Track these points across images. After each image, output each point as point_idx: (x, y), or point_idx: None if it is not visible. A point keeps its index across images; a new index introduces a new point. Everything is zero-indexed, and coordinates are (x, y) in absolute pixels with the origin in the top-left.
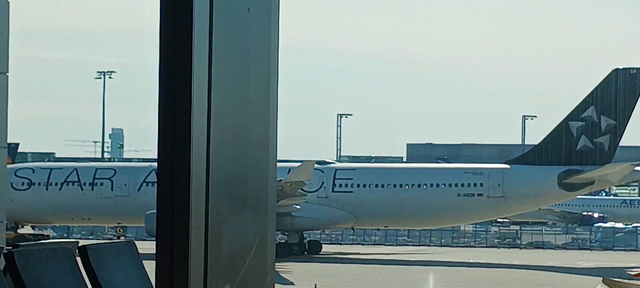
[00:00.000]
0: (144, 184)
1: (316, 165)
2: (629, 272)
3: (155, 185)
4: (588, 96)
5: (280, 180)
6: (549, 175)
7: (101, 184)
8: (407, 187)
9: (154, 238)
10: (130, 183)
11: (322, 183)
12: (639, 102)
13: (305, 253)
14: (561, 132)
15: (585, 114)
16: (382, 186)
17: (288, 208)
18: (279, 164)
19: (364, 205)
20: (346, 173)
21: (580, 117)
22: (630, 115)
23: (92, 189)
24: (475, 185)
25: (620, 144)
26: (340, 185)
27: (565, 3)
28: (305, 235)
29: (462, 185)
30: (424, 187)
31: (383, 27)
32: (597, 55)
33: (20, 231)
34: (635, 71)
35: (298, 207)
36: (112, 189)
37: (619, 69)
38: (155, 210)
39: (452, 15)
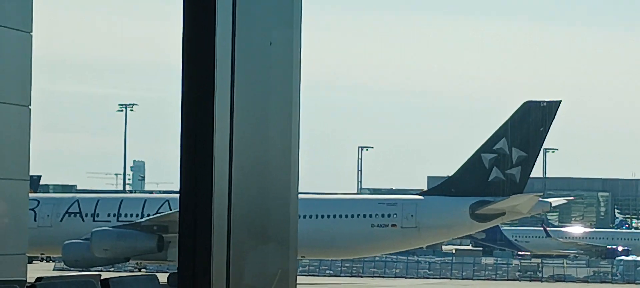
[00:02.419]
0: (66, 215)
1: None
2: None
3: (77, 215)
4: (500, 128)
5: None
6: (461, 206)
7: None
8: (322, 217)
9: (71, 268)
10: (52, 214)
11: None
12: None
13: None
14: (474, 164)
15: (497, 146)
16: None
17: None
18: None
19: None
20: None
21: (493, 149)
22: (541, 147)
23: None
24: (389, 215)
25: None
26: None
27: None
28: None
29: (377, 215)
30: (339, 217)
31: (404, 60)
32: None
33: None
34: (545, 104)
35: None
36: (35, 220)
37: (530, 101)
38: (72, 240)
39: (473, 48)
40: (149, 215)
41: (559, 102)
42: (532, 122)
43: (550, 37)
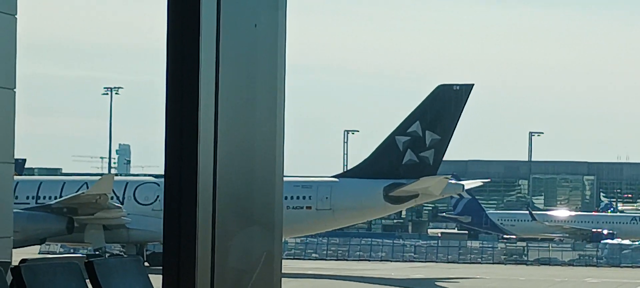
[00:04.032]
0: None
1: (153, 179)
2: None
3: None
4: (413, 111)
5: (83, 193)
6: (375, 188)
7: None
8: None
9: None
10: None
11: (158, 196)
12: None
13: (146, 265)
14: (388, 147)
15: (411, 129)
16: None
17: (120, 221)
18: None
19: None
20: None
21: (407, 131)
22: (454, 130)
23: None
24: (304, 197)
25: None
26: None
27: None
28: (150, 248)
29: (293, 198)
30: None
31: (390, 43)
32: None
33: None
34: (458, 87)
35: (128, 219)
36: None
37: (443, 85)
38: None
39: (459, 32)
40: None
41: (472, 85)
42: (444, 105)
43: (538, 19)
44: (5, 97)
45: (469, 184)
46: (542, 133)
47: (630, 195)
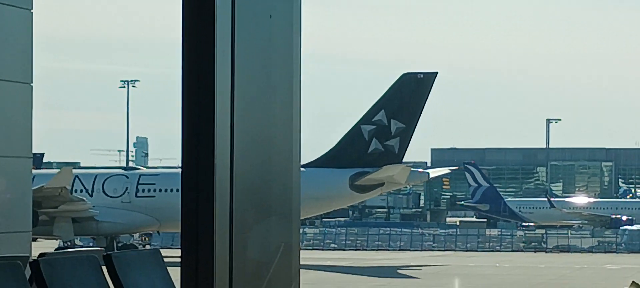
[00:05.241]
0: None
1: (121, 171)
2: None
3: None
4: (379, 100)
5: (43, 186)
6: (341, 177)
7: None
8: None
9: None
10: None
11: (126, 188)
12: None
13: None
14: (354, 136)
15: (376, 117)
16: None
17: (88, 213)
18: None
19: (166, 209)
20: (149, 178)
21: (372, 120)
22: (418, 118)
23: None
24: None
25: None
26: (144, 190)
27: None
28: (122, 240)
29: None
30: None
31: (405, 33)
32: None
33: None
34: (422, 75)
35: (96, 211)
36: None
37: (407, 73)
38: None
39: (477, 21)
40: None
41: (436, 73)
42: (409, 94)
43: (556, 6)
44: (22, 91)
45: (434, 172)
46: (560, 120)
47: None
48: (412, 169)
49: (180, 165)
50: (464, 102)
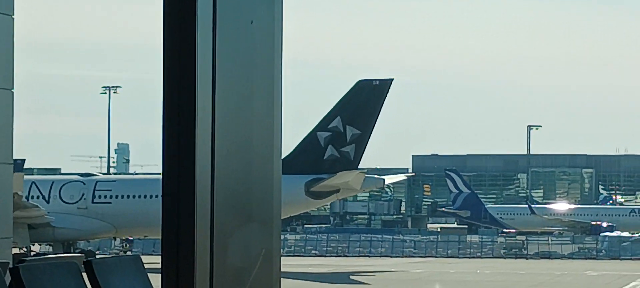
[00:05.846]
0: None
1: (78, 177)
2: None
3: None
4: (334, 107)
5: None
6: (297, 183)
7: None
8: (140, 197)
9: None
10: None
11: (83, 194)
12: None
13: None
14: (310, 142)
15: (332, 124)
16: (140, 197)
17: (44, 219)
18: None
19: (122, 216)
20: (106, 185)
21: (328, 127)
22: (374, 125)
23: None
24: None
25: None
26: (100, 197)
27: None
28: (79, 246)
29: None
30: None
31: (387, 38)
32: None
33: None
34: (378, 82)
35: (51, 217)
36: None
37: (362, 80)
38: None
39: (457, 26)
40: None
41: (391, 80)
42: (364, 100)
43: (536, 13)
44: (3, 97)
45: (390, 179)
46: (541, 126)
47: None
48: (367, 176)
49: (161, 171)
50: (445, 108)
